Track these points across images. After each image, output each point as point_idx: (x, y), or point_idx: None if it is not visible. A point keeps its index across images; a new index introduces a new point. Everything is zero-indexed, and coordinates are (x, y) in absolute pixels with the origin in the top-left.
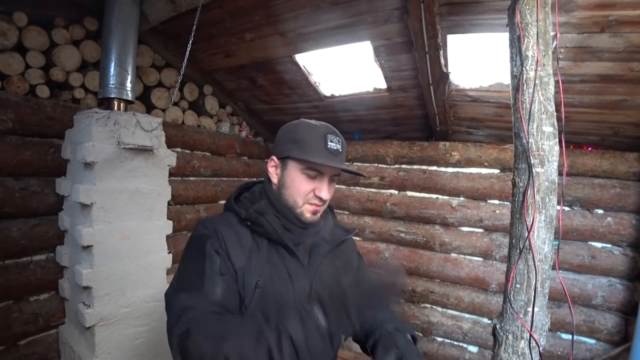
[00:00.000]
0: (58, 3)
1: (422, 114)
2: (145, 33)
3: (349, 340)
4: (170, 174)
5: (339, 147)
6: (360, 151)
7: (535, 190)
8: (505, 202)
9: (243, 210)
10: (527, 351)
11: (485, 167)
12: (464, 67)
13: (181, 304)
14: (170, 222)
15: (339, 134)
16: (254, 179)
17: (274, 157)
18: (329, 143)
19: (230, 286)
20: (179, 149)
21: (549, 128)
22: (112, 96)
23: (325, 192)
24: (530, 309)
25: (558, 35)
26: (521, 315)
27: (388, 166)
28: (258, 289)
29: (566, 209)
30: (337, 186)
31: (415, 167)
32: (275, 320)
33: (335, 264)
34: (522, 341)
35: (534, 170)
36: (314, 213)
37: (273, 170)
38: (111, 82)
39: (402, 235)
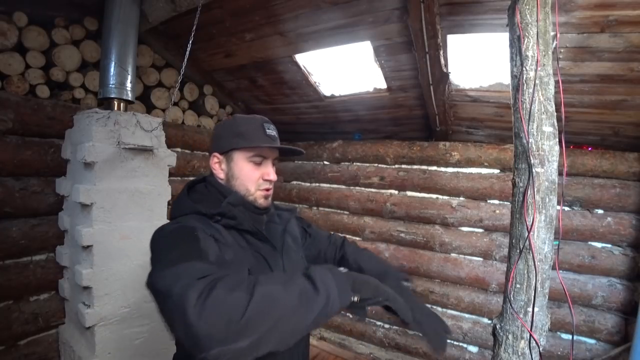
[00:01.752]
0: (58, 3)
1: (422, 114)
2: (145, 33)
3: (349, 341)
4: (170, 174)
5: (274, 133)
6: (360, 151)
7: (535, 190)
8: (505, 202)
9: (209, 208)
10: (527, 351)
11: (485, 167)
12: (464, 67)
13: (184, 271)
14: None
15: (270, 121)
16: (192, 179)
17: (216, 154)
18: (267, 130)
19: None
20: (179, 149)
21: (549, 128)
22: (112, 96)
23: (272, 174)
24: (530, 309)
25: (558, 35)
26: (521, 315)
27: (388, 166)
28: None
29: (566, 209)
30: (337, 186)
31: (415, 167)
32: None
33: (288, 241)
34: (522, 341)
35: (534, 170)
36: (266, 197)
37: (217, 166)
38: (111, 82)
39: (402, 235)
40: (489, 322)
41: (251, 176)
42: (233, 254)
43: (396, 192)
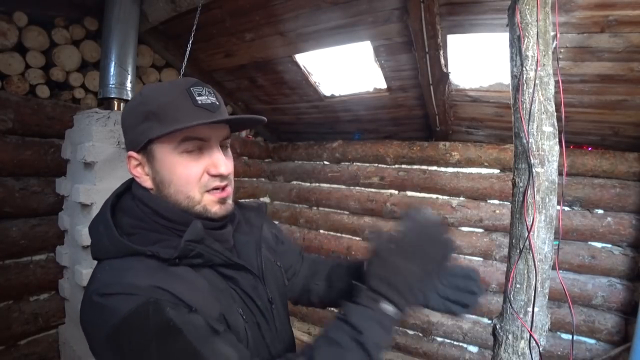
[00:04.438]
0: (58, 3)
1: (422, 114)
2: (145, 33)
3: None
4: None
5: (213, 99)
6: (360, 151)
7: (535, 190)
8: (505, 202)
9: (148, 244)
10: (527, 351)
11: (485, 167)
12: (464, 67)
13: None
14: None
15: (204, 83)
16: (114, 191)
17: (132, 154)
18: (197, 97)
19: (231, 333)
20: None
21: (549, 128)
22: (112, 96)
23: (222, 165)
24: (530, 309)
25: (558, 35)
26: (521, 315)
27: (388, 166)
28: (247, 324)
29: (566, 209)
30: (337, 186)
31: (415, 167)
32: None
33: (266, 256)
34: (522, 341)
35: (534, 170)
36: (222, 201)
37: (138, 171)
38: (111, 82)
39: None
40: (489, 322)
41: (189, 175)
42: (218, 305)
43: (396, 192)
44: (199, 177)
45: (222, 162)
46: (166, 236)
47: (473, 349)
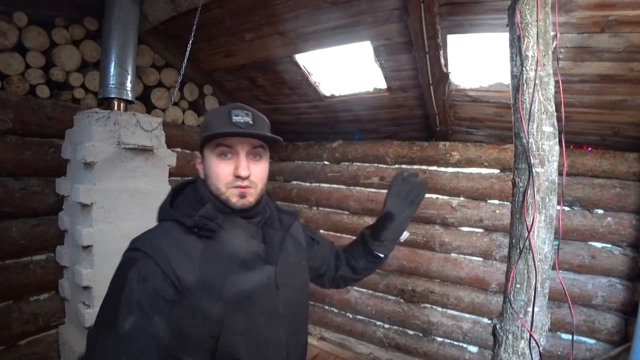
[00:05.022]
0: (58, 3)
1: (422, 114)
2: (145, 33)
3: (349, 341)
4: (170, 174)
5: (247, 119)
6: (360, 151)
7: (535, 190)
8: (505, 202)
9: (185, 217)
10: (527, 351)
11: (485, 167)
12: (464, 67)
13: (94, 351)
14: None
15: (248, 108)
16: (185, 179)
17: (197, 154)
18: (234, 117)
19: (144, 327)
20: (179, 149)
21: (549, 128)
22: (112, 96)
23: (242, 169)
24: (530, 309)
25: (558, 35)
26: (521, 315)
27: (388, 166)
28: (224, 299)
29: (566, 209)
30: (337, 186)
31: (415, 167)
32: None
33: (289, 248)
34: (522, 341)
35: (534, 170)
36: (241, 196)
37: (199, 166)
38: (111, 82)
39: None
40: (489, 322)
41: (219, 173)
42: (198, 275)
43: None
44: (226, 175)
45: (243, 167)
46: (197, 212)
47: (473, 349)
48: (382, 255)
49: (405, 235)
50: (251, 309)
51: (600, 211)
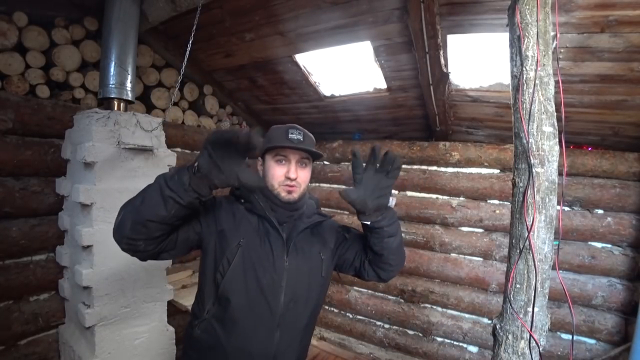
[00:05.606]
0: (58, 3)
1: (422, 114)
2: (145, 33)
3: (349, 341)
4: None
5: (299, 137)
6: (361, 151)
7: (535, 190)
8: (505, 202)
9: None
10: (527, 351)
11: (485, 167)
12: (464, 67)
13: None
14: None
15: (302, 129)
16: None
17: (259, 158)
18: (290, 135)
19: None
20: (179, 149)
21: (549, 128)
22: (112, 96)
23: (291, 172)
24: (530, 309)
25: (558, 35)
26: (521, 315)
27: None
28: (240, 247)
29: (566, 209)
30: (337, 186)
31: (415, 167)
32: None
33: (311, 239)
34: (522, 341)
35: (534, 170)
36: (289, 192)
37: (260, 168)
38: (111, 82)
39: (402, 235)
40: (489, 322)
41: (274, 174)
42: (233, 226)
43: (396, 192)
44: (279, 176)
45: (292, 171)
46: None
47: (473, 349)
48: (368, 223)
49: (392, 201)
50: (257, 266)
51: (600, 211)
